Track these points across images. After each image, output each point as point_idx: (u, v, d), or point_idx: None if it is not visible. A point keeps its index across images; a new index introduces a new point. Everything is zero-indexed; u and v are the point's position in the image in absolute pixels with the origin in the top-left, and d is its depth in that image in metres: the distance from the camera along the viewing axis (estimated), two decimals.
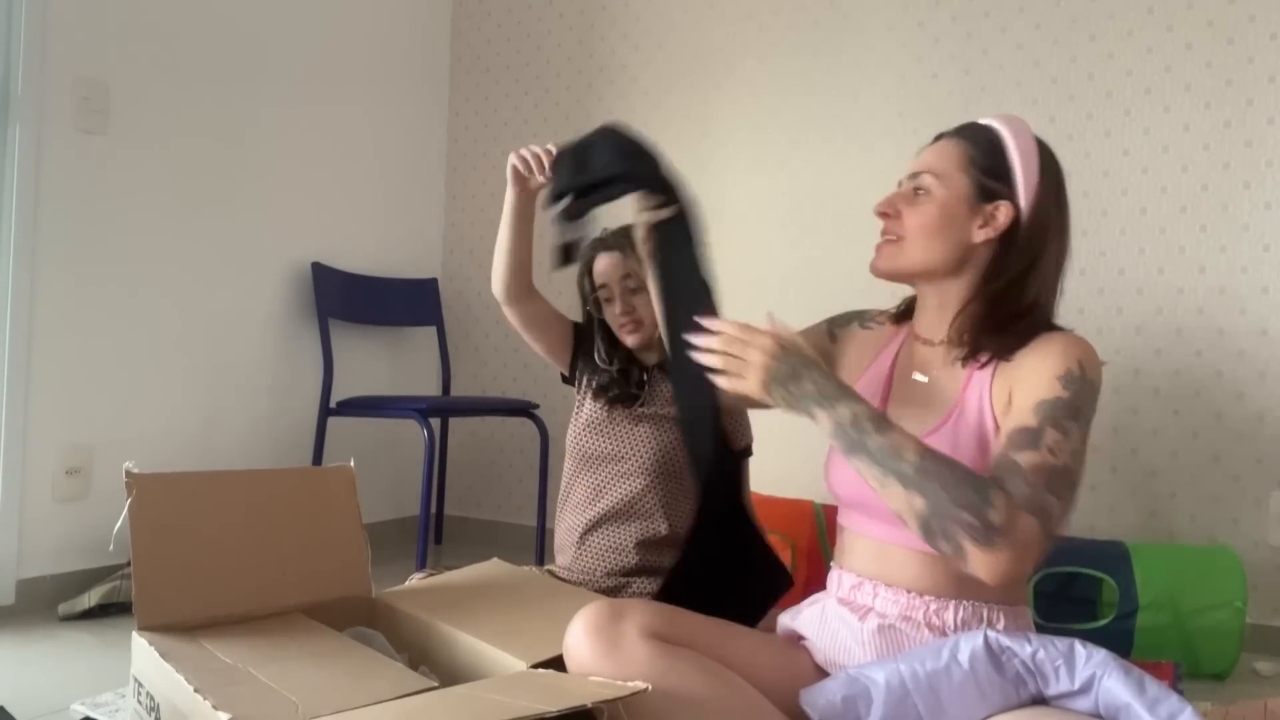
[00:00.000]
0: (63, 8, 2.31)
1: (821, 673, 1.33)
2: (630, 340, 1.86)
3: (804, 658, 1.36)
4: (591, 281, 1.88)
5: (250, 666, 1.34)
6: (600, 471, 1.87)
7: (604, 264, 1.86)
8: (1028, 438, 1.15)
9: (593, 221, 1.55)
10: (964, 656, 1.12)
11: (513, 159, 1.61)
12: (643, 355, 1.92)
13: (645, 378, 1.89)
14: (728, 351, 1.21)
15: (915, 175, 1.33)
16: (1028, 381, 1.21)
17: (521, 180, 1.63)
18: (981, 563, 1.09)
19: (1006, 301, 1.29)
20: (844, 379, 1.31)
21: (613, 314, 1.86)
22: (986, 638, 1.12)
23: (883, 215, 1.33)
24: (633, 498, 1.83)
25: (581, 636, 1.24)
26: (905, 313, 1.43)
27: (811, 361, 1.20)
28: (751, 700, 1.23)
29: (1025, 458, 1.13)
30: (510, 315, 1.86)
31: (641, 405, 1.87)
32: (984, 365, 1.28)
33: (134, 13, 2.46)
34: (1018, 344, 1.26)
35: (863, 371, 1.41)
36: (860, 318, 1.49)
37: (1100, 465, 2.49)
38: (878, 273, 1.35)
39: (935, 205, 1.30)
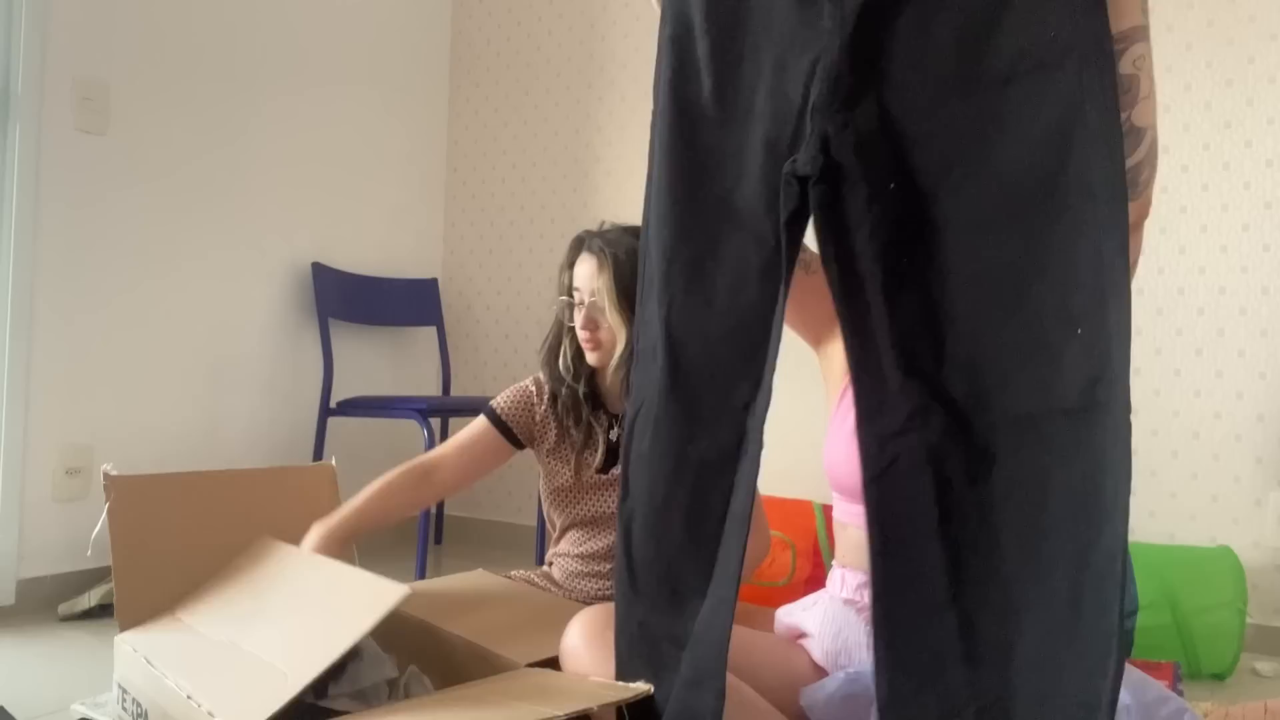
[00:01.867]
0: (63, 8, 2.30)
1: (820, 671, 1.33)
2: (590, 357, 1.71)
3: (802, 657, 1.36)
4: (571, 278, 1.73)
5: (235, 636, 1.32)
6: (585, 529, 1.80)
7: (582, 267, 1.70)
8: None
9: None
10: None
11: None
12: (608, 399, 1.77)
13: (614, 432, 1.74)
14: None
15: None
16: None
17: None
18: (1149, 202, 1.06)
19: None
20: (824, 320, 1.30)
21: (577, 321, 1.71)
22: None
23: None
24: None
25: (579, 641, 1.25)
26: None
27: None
28: (748, 700, 1.23)
29: None
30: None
31: (616, 464, 1.72)
32: None
33: (134, 13, 2.46)
34: None
35: None
36: None
37: None
38: None
39: None
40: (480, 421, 1.78)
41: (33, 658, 1.95)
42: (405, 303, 3.23)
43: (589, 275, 1.68)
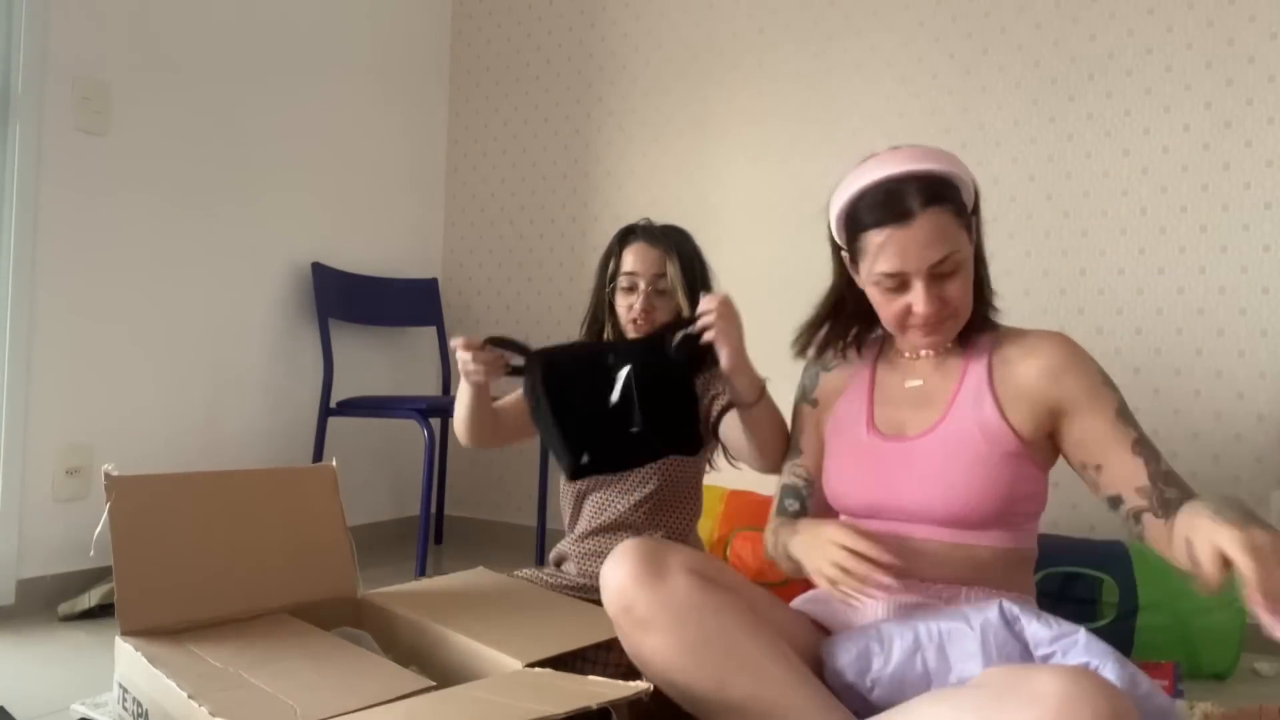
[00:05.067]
0: (63, 8, 2.30)
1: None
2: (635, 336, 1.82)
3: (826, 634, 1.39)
4: (619, 265, 1.83)
5: (242, 670, 1.33)
6: (604, 491, 1.86)
7: (642, 254, 1.81)
8: (1146, 446, 1.27)
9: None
10: (976, 622, 1.15)
11: (471, 369, 1.62)
12: None
13: None
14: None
15: (943, 260, 1.29)
16: (1083, 396, 1.29)
17: (481, 384, 1.68)
18: None
19: (979, 299, 1.38)
20: (825, 414, 1.47)
21: (627, 304, 1.81)
22: (1001, 606, 1.18)
23: (938, 311, 1.32)
24: (634, 506, 1.82)
25: (626, 564, 1.24)
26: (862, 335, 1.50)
27: None
28: (780, 649, 1.23)
29: (1164, 461, 1.27)
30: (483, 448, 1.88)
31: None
32: (976, 358, 1.35)
33: (134, 13, 2.46)
34: (986, 325, 1.37)
35: (839, 396, 1.47)
36: (818, 365, 1.54)
37: None
38: (939, 348, 1.39)
39: (967, 268, 1.33)
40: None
41: (33, 658, 1.95)
42: (405, 303, 3.23)
43: (654, 261, 1.81)
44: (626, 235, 1.86)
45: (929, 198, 1.28)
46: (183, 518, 1.57)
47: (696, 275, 1.82)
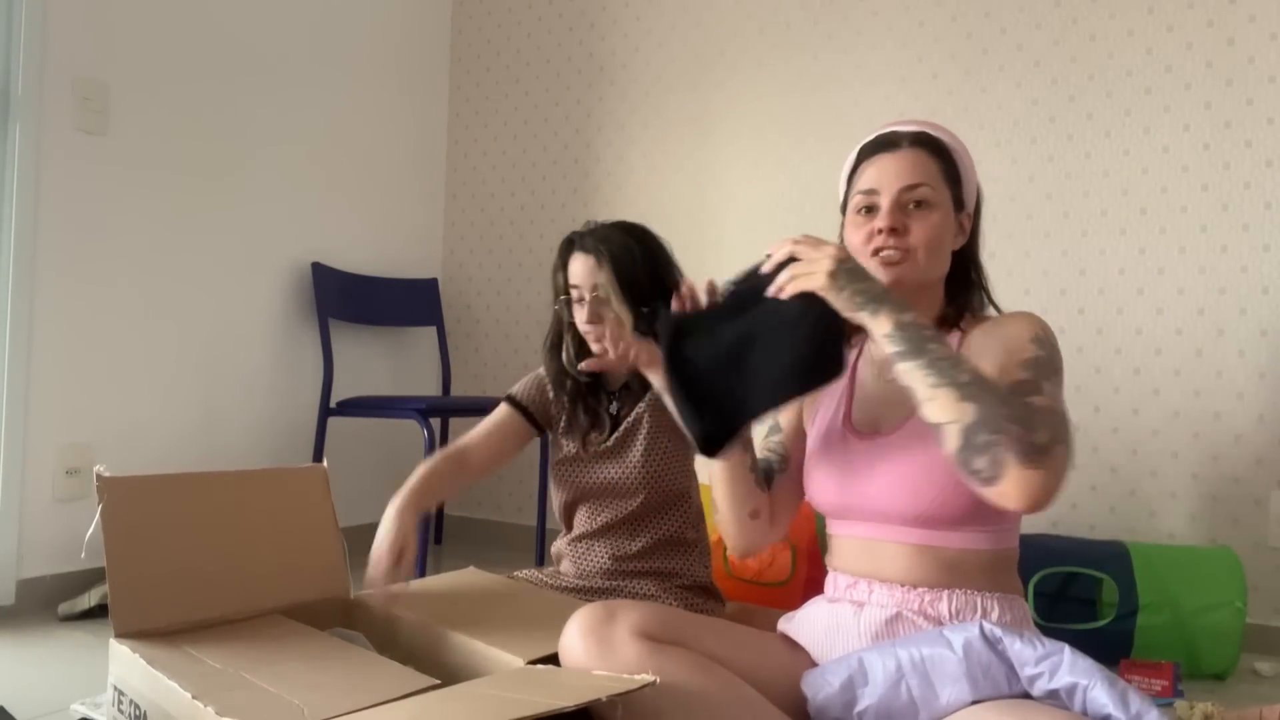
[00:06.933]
0: (63, 8, 2.30)
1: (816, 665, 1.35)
2: (596, 348, 1.75)
3: (803, 654, 1.37)
4: (565, 278, 1.79)
5: (243, 670, 1.32)
6: (593, 500, 1.84)
7: (578, 265, 1.75)
8: (1029, 388, 1.18)
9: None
10: (958, 644, 1.14)
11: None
12: (608, 380, 1.85)
13: (615, 406, 1.82)
14: (798, 254, 1.24)
15: (914, 187, 1.30)
16: (1007, 348, 1.25)
17: None
18: (1019, 479, 1.09)
19: (964, 297, 1.37)
20: (807, 400, 1.42)
21: (580, 316, 1.76)
22: (982, 628, 1.15)
23: (892, 231, 1.30)
24: (630, 513, 1.80)
25: (576, 638, 1.27)
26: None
27: (872, 275, 1.23)
28: (742, 694, 1.24)
29: (1038, 401, 1.16)
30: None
31: (616, 432, 1.80)
32: None
33: (134, 13, 2.46)
34: (968, 321, 1.35)
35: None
36: None
37: (1100, 465, 2.49)
38: (896, 286, 1.30)
39: (939, 216, 1.31)
40: (502, 408, 1.88)
41: (33, 658, 1.95)
42: (405, 303, 3.23)
43: (587, 272, 1.73)
44: (567, 246, 1.80)
45: (917, 139, 1.34)
46: (175, 519, 1.56)
47: (639, 275, 1.71)
